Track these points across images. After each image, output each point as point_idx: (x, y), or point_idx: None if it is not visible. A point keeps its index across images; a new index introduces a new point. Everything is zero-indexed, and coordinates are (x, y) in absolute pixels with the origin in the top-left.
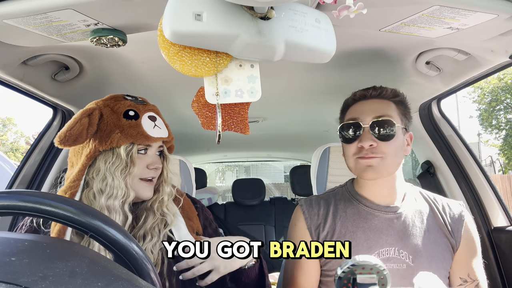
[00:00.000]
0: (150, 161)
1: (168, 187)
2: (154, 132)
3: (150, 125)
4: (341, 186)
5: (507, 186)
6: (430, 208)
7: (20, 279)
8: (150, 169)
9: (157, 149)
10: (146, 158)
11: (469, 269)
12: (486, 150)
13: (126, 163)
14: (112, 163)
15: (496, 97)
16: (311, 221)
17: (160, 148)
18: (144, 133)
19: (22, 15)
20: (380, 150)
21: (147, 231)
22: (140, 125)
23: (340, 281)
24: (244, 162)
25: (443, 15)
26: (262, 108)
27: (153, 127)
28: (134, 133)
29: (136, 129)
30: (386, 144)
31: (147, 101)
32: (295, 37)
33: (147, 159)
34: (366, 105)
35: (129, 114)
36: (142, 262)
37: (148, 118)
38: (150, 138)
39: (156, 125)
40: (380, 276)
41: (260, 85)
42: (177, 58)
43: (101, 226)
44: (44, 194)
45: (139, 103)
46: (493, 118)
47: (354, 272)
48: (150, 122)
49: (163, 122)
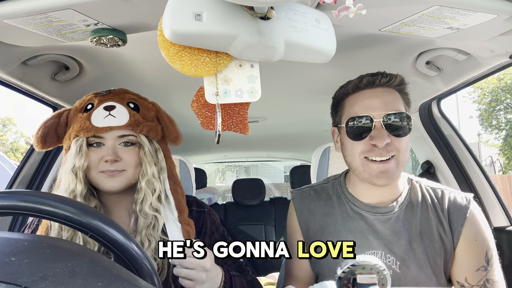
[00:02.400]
0: (104, 153)
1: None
2: (102, 122)
3: (100, 115)
4: (334, 178)
5: (507, 186)
6: (427, 205)
7: (20, 279)
8: (105, 161)
9: (118, 140)
10: (101, 151)
11: (468, 273)
12: (486, 150)
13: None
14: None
15: (496, 97)
16: (301, 216)
17: (122, 138)
18: (87, 123)
19: (22, 15)
20: (394, 147)
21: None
22: (89, 116)
23: (340, 281)
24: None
25: (443, 15)
26: (262, 108)
27: (105, 117)
28: (78, 126)
29: (83, 120)
30: (400, 140)
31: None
32: (295, 37)
33: (102, 152)
34: (375, 96)
35: (87, 108)
36: (142, 262)
37: (104, 109)
38: (94, 128)
39: (111, 114)
40: (380, 276)
41: (260, 85)
42: (177, 58)
43: (101, 226)
44: (44, 194)
45: (102, 95)
46: (493, 118)
47: (354, 272)
48: (104, 112)
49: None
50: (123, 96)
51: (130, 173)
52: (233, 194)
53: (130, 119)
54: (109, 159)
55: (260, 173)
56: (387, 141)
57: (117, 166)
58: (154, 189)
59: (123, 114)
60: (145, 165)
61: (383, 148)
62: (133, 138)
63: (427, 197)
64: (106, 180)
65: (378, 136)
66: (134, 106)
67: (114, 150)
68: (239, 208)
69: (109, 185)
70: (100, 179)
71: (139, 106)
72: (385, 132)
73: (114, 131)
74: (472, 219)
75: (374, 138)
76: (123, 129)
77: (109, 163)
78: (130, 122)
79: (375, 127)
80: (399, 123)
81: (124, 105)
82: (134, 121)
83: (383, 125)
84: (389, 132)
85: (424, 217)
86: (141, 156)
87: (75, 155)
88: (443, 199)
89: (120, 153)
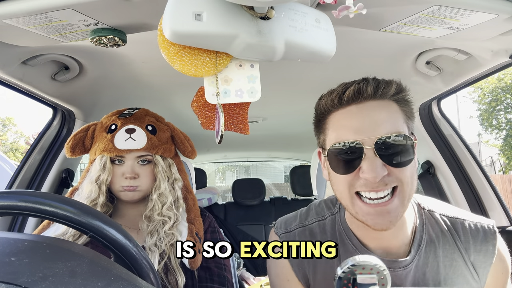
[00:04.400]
0: (125, 170)
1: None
2: (124, 145)
3: (122, 137)
4: (331, 213)
5: (507, 186)
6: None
7: (20, 279)
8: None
9: (136, 159)
10: (122, 168)
11: None
12: (487, 150)
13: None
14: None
15: (496, 97)
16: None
17: (140, 158)
18: (111, 145)
19: (22, 15)
20: (395, 177)
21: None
22: (113, 138)
23: (340, 281)
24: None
25: (443, 15)
26: (262, 108)
27: (126, 140)
28: (103, 146)
29: (107, 141)
30: (401, 170)
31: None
32: (295, 37)
33: (123, 169)
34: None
35: (111, 128)
36: (142, 262)
37: (125, 131)
38: (116, 150)
39: (131, 137)
40: (380, 276)
41: (260, 85)
42: (177, 58)
43: (101, 226)
44: (44, 194)
45: (124, 117)
46: (493, 118)
47: (354, 272)
48: (125, 135)
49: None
50: (143, 120)
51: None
52: (233, 194)
53: (148, 142)
54: (129, 176)
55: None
56: (383, 174)
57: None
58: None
59: (142, 138)
60: (159, 181)
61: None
62: (150, 157)
63: (445, 230)
64: (124, 193)
65: (370, 168)
66: (152, 129)
67: (133, 168)
68: (239, 208)
69: (129, 197)
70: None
71: (156, 129)
72: (379, 163)
73: (133, 152)
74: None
75: (365, 171)
76: (141, 151)
77: (129, 179)
78: (148, 146)
79: (366, 156)
80: (399, 148)
81: (143, 128)
82: (151, 145)
83: (376, 153)
84: (385, 161)
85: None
86: (155, 173)
87: (100, 170)
88: (465, 233)
89: (138, 170)
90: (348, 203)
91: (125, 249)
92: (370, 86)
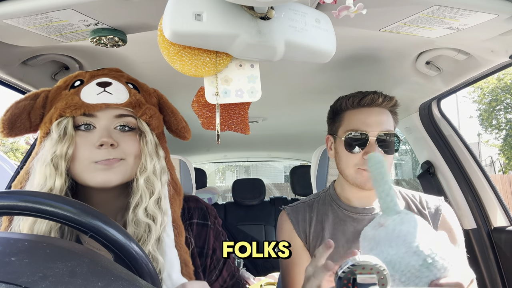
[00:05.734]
0: (97, 136)
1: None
2: (96, 98)
3: (93, 91)
4: (324, 191)
5: (507, 186)
6: (408, 205)
7: (20, 279)
8: (98, 147)
9: (114, 120)
10: (91, 135)
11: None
12: (486, 150)
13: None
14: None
15: (496, 97)
16: (298, 227)
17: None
18: (76, 99)
19: (22, 15)
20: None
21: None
22: (78, 91)
23: (340, 281)
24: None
25: (443, 15)
26: (262, 108)
27: (98, 93)
28: (63, 103)
29: (68, 97)
30: (388, 156)
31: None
32: (295, 37)
33: (93, 136)
34: (373, 116)
35: (74, 85)
36: (142, 262)
37: (97, 85)
38: (84, 105)
39: (106, 90)
40: (380, 276)
41: (260, 85)
42: (177, 58)
43: (101, 226)
44: (44, 194)
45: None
46: (493, 118)
47: (354, 272)
48: (97, 88)
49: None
50: (120, 74)
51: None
52: (233, 194)
53: (131, 97)
54: (105, 142)
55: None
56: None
57: (115, 154)
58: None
59: (122, 92)
60: (145, 158)
61: None
62: (133, 121)
63: (408, 199)
64: (100, 172)
65: (371, 151)
66: (133, 87)
67: (109, 132)
68: (239, 208)
69: (103, 178)
70: (90, 172)
71: (138, 88)
72: (377, 148)
73: (110, 109)
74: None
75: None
76: (121, 108)
77: (105, 147)
78: (131, 100)
79: (370, 143)
80: (390, 142)
81: (123, 82)
82: (136, 101)
83: (376, 142)
84: (381, 148)
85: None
86: (141, 146)
87: (57, 141)
88: (421, 201)
89: (116, 138)
90: (352, 173)
91: (125, 249)
92: (380, 97)
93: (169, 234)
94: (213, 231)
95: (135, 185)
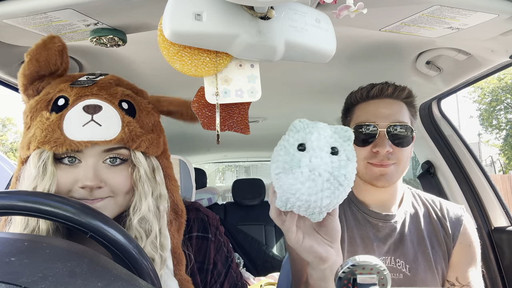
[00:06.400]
0: (82, 175)
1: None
2: (81, 133)
3: (78, 120)
4: None
5: (507, 186)
6: (428, 212)
7: (20, 279)
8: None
9: (102, 155)
10: (75, 171)
11: (459, 273)
12: (487, 150)
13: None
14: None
15: (496, 97)
16: None
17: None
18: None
19: (21, 15)
20: (395, 156)
21: None
22: (59, 122)
23: (340, 281)
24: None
25: (444, 15)
26: (262, 108)
27: (84, 124)
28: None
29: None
30: (401, 150)
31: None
32: (295, 37)
33: (77, 172)
34: (382, 107)
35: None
36: (142, 262)
37: (83, 110)
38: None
39: (94, 120)
40: (381, 277)
41: (260, 85)
42: (177, 58)
43: (101, 226)
44: (44, 194)
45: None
46: (493, 118)
47: (354, 273)
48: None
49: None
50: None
51: (118, 201)
52: (233, 194)
53: (123, 129)
54: (88, 185)
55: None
56: (388, 150)
57: (100, 193)
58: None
59: (113, 122)
60: (138, 196)
61: (384, 155)
62: (125, 153)
63: (428, 206)
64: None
65: (380, 144)
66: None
67: (96, 171)
68: (239, 208)
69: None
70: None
71: (135, 108)
72: (387, 141)
73: (98, 146)
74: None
75: (377, 145)
76: (112, 143)
77: (87, 190)
78: (123, 135)
79: (379, 135)
80: (402, 134)
81: (115, 106)
82: (129, 134)
83: (386, 134)
84: (392, 141)
85: (427, 222)
86: (134, 180)
87: (36, 176)
88: (442, 208)
89: (104, 174)
90: (361, 168)
91: (125, 249)
92: (390, 88)
93: (168, 265)
94: (214, 243)
95: (128, 223)
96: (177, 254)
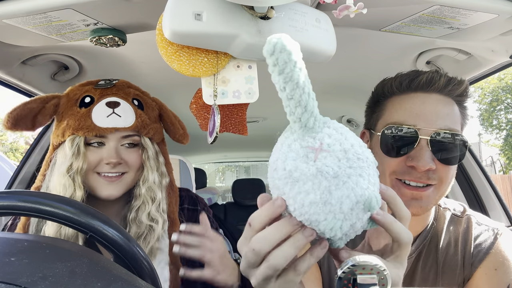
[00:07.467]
0: (107, 155)
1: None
2: (106, 122)
3: (103, 112)
4: None
5: (507, 186)
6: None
7: (19, 279)
8: (105, 164)
9: (121, 140)
10: (101, 151)
11: None
12: (487, 150)
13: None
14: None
15: (496, 97)
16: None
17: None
18: (89, 122)
19: (21, 15)
20: (438, 176)
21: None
22: (89, 112)
23: (340, 281)
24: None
25: (444, 15)
26: (262, 108)
27: (108, 115)
28: (76, 123)
29: (82, 118)
30: (447, 168)
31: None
32: (295, 37)
33: (102, 153)
34: (429, 104)
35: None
36: (141, 262)
37: (106, 105)
38: (96, 128)
39: (115, 112)
40: (381, 277)
41: (257, 86)
42: (175, 57)
43: (100, 226)
44: (44, 194)
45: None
46: (493, 118)
47: (355, 273)
48: (106, 109)
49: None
50: (127, 92)
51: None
52: (233, 194)
53: (137, 119)
54: (112, 162)
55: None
56: (431, 166)
57: (119, 169)
58: (154, 197)
59: (129, 114)
60: (147, 170)
61: (422, 172)
62: (137, 139)
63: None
64: (104, 186)
65: (420, 157)
66: (138, 104)
67: (117, 151)
68: (239, 208)
69: (107, 192)
70: (97, 184)
71: (143, 104)
72: (429, 154)
73: (118, 132)
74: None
75: (415, 158)
76: (128, 130)
77: (111, 165)
78: (137, 123)
79: (419, 144)
80: (451, 145)
81: (130, 102)
82: (141, 123)
83: (430, 145)
84: (436, 155)
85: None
86: (143, 159)
87: (72, 156)
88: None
89: (123, 154)
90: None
91: (125, 249)
92: (442, 78)
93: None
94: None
95: (137, 192)
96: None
